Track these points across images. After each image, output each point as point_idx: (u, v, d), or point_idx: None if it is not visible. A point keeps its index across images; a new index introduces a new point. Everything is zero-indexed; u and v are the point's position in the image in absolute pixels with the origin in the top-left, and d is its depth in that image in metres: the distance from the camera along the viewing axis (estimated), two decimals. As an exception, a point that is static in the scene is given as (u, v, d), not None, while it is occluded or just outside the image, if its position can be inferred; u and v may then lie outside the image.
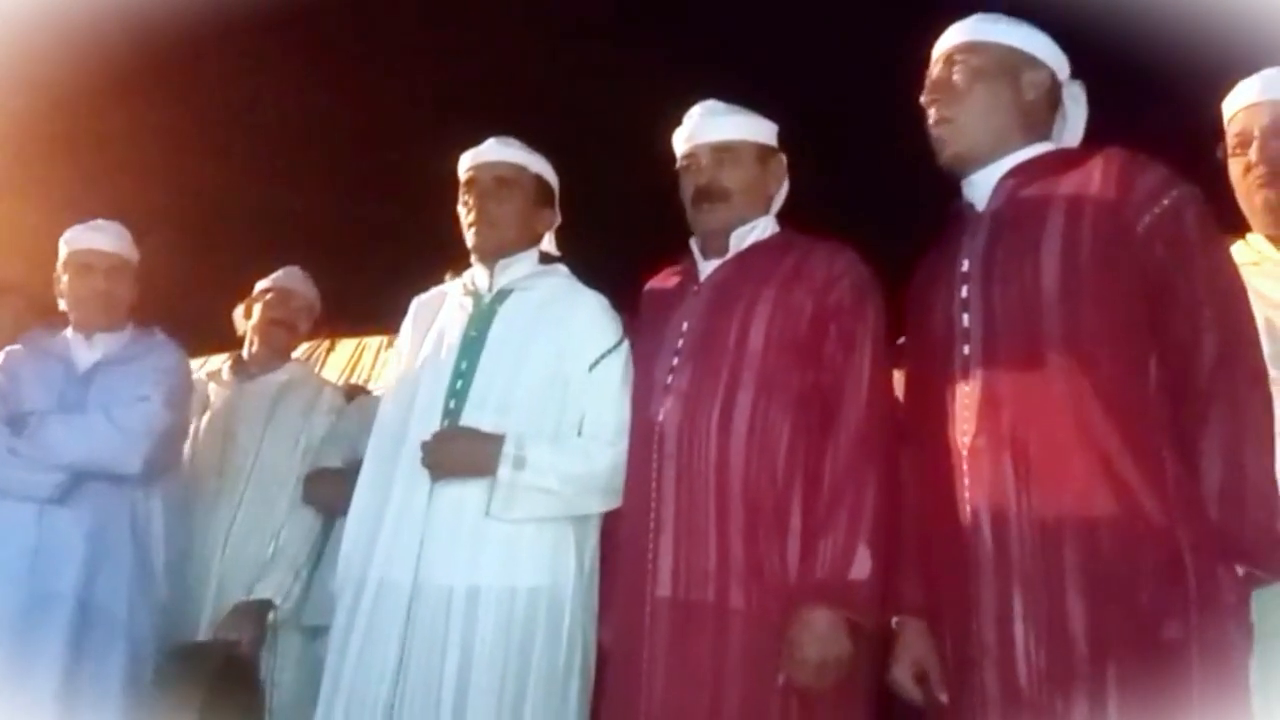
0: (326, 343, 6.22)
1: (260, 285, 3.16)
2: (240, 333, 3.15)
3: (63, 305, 2.74)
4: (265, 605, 2.60)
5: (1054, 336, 1.70)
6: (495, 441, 2.09)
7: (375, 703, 2.02)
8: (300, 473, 2.78)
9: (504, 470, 2.06)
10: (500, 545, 2.08)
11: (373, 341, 6.16)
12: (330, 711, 2.07)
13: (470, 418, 2.15)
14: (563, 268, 2.39)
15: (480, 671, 2.01)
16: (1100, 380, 1.66)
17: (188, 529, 2.69)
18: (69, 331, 2.72)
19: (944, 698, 1.78)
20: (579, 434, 2.18)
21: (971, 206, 1.92)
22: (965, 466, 1.75)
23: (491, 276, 2.32)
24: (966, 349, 1.79)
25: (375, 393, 3.33)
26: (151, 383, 2.61)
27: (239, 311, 3.16)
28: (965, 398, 1.77)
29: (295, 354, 3.30)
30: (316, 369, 5.16)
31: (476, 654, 2.02)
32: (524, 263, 2.34)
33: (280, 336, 3.10)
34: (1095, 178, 1.77)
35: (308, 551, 2.71)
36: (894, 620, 1.88)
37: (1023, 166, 1.87)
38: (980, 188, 1.91)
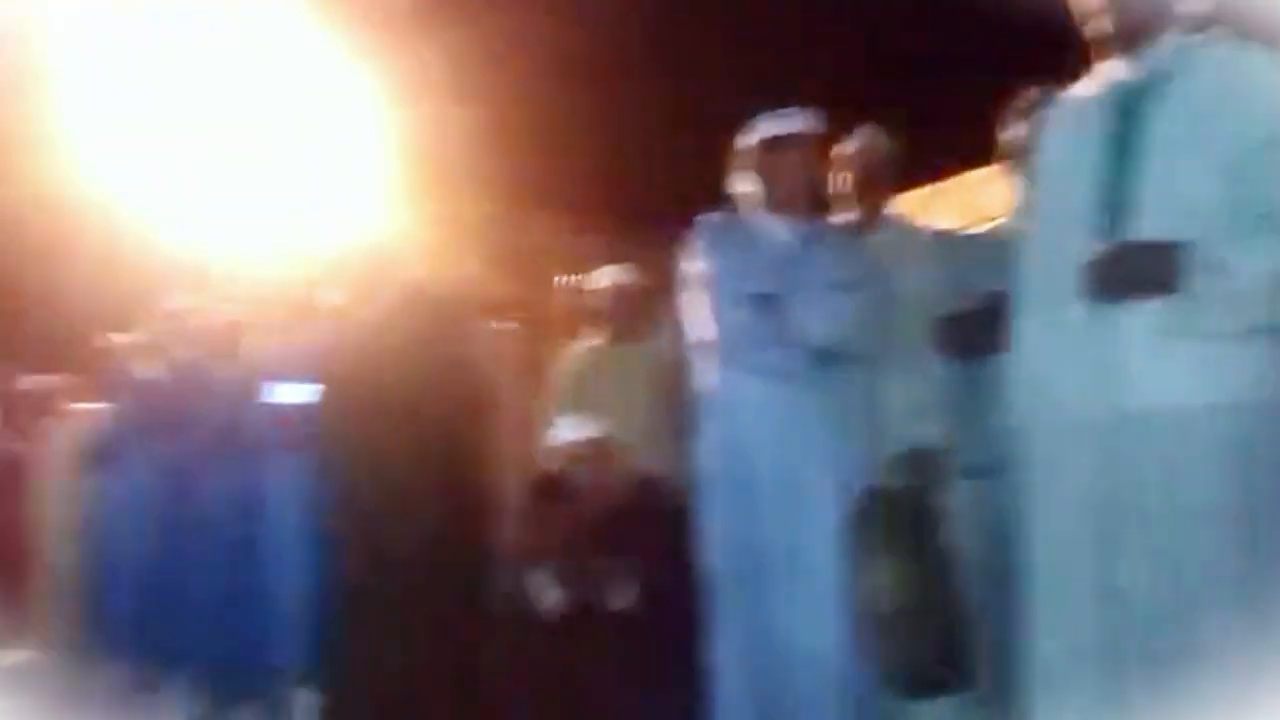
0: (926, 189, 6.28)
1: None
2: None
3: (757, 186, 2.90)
4: (931, 453, 2.67)
5: None
6: (1176, 251, 1.86)
7: (1078, 537, 1.96)
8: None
9: (1193, 281, 1.84)
10: (1190, 363, 1.89)
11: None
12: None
13: (1134, 229, 1.93)
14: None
15: (1193, 496, 1.86)
16: None
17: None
18: (761, 212, 2.92)
19: None
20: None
21: None
22: None
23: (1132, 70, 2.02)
24: None
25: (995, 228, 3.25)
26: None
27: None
28: None
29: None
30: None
31: (1184, 478, 1.87)
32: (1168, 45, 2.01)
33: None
34: None
35: (955, 397, 2.71)
36: None
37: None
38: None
